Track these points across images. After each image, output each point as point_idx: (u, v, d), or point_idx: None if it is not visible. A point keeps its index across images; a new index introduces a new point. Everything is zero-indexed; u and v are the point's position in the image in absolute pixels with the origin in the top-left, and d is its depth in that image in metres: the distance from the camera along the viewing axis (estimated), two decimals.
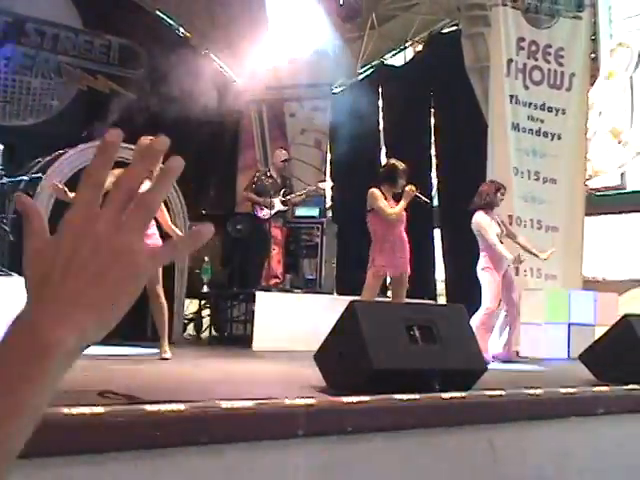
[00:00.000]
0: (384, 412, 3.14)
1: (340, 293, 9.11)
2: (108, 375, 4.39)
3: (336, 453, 2.98)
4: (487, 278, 7.16)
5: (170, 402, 2.47)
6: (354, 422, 3.00)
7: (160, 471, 2.38)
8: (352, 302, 3.64)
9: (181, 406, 2.45)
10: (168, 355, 5.82)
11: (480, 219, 7.21)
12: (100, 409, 2.30)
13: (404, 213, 6.71)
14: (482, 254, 7.26)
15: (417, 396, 3.29)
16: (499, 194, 7.36)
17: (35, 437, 1.98)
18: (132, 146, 4.30)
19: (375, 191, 6.65)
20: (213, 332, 9.11)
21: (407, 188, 6.67)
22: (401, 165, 6.85)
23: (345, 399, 3.13)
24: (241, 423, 2.60)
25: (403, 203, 6.61)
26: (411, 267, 6.99)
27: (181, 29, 11.80)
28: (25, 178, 7.61)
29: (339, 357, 3.60)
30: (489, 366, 4.19)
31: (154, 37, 10.73)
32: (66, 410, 2.24)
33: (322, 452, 2.93)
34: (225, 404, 2.62)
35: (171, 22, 11.72)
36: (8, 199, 7.50)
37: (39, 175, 7.53)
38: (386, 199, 6.64)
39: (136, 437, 2.32)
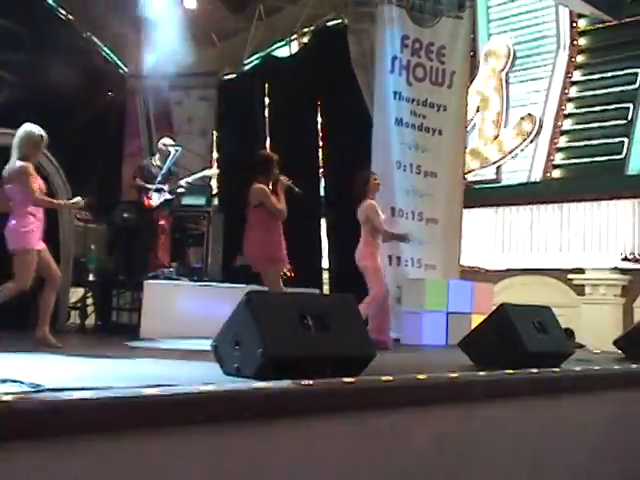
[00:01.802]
0: (280, 398, 3.27)
1: (226, 282, 9.18)
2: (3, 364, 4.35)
3: (233, 439, 3.08)
4: (372, 265, 7.41)
5: (76, 389, 2.53)
6: (251, 408, 3.10)
7: (65, 459, 2.43)
8: (249, 292, 3.75)
9: (86, 394, 2.51)
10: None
11: (371, 206, 7.46)
12: (8, 397, 2.33)
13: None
14: (364, 242, 7.48)
15: (310, 382, 3.43)
16: (372, 180, 7.68)
17: None
18: (13, 131, 4.32)
19: (264, 188, 6.75)
20: (98, 321, 9.01)
21: (281, 179, 6.83)
22: (274, 155, 7.02)
23: (242, 385, 3.24)
24: (146, 409, 2.67)
25: (282, 196, 6.76)
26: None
27: (62, 11, 11.51)
28: None
29: (236, 345, 3.71)
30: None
31: (35, 18, 10.42)
32: None
33: (221, 438, 3.02)
34: (127, 391, 2.69)
35: (53, 4, 11.42)
36: None
37: None
38: (271, 191, 6.76)
39: (42, 425, 2.36)
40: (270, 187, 6.87)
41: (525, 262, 13.23)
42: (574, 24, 13.92)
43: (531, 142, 13.95)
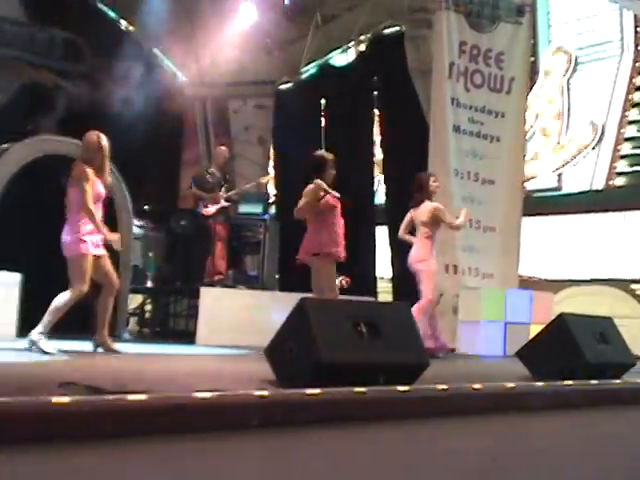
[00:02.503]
0: (332, 405, 3.26)
1: (282, 290, 9.22)
2: (65, 368, 4.44)
3: (286, 444, 3.08)
4: (426, 269, 7.37)
5: (131, 393, 2.55)
6: (304, 414, 3.10)
7: (121, 461, 2.46)
8: (302, 299, 3.74)
9: (142, 397, 2.53)
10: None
11: (439, 207, 7.47)
12: (65, 399, 2.36)
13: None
14: (421, 244, 7.44)
15: (363, 389, 3.41)
16: (431, 182, 7.64)
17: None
18: (76, 140, 4.37)
19: (310, 187, 6.70)
20: (155, 327, 9.13)
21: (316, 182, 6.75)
22: (329, 155, 6.97)
23: (295, 392, 3.23)
24: (199, 413, 2.69)
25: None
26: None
27: (123, 22, 11.73)
28: None
29: (289, 352, 3.71)
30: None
31: (97, 31, 10.66)
32: (29, 400, 2.32)
33: (274, 443, 3.03)
34: (184, 395, 2.71)
35: (113, 15, 11.64)
36: None
37: None
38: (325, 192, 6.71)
39: (99, 427, 2.39)
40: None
41: (586, 272, 12.97)
42: (638, 28, 13.62)
43: (593, 149, 13.68)
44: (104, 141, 6.04)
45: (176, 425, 2.59)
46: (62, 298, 5.61)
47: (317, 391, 3.25)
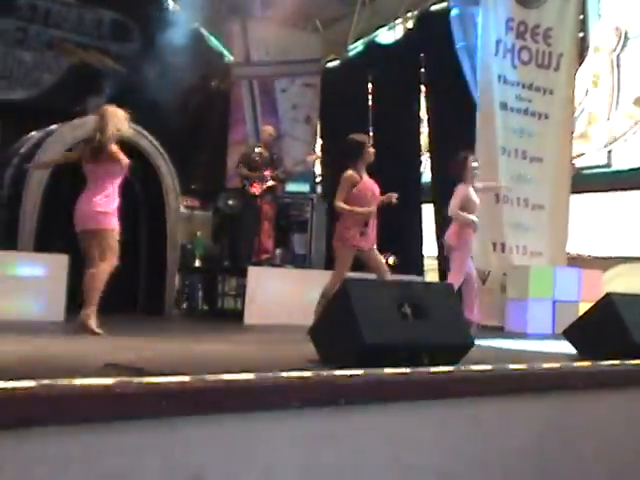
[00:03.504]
0: (376, 385, 3.27)
1: (329, 269, 9.23)
2: (110, 348, 4.53)
3: (329, 424, 3.11)
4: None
5: (175, 374, 2.60)
6: (347, 395, 3.13)
7: (165, 440, 2.52)
8: (345, 280, 3.76)
9: (185, 378, 2.58)
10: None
11: (458, 191, 7.32)
12: (109, 380, 2.43)
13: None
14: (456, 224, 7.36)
15: (407, 370, 3.42)
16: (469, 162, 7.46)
17: (44, 407, 2.12)
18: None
19: (344, 177, 6.48)
20: (204, 306, 9.25)
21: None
22: (364, 138, 6.68)
23: (338, 372, 3.26)
24: (241, 394, 2.73)
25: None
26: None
27: (171, 2, 11.79)
28: (21, 151, 7.69)
29: (332, 333, 3.73)
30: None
31: (145, 11, 10.73)
32: (76, 381, 2.38)
33: (316, 423, 3.06)
34: (226, 376, 2.75)
35: None
36: (3, 174, 7.58)
37: (34, 150, 7.60)
38: (361, 177, 6.54)
39: (142, 407, 2.45)
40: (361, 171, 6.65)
41: (636, 249, 12.74)
42: None
43: None
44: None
45: (219, 406, 2.63)
46: (100, 275, 5.60)
47: (360, 372, 3.27)
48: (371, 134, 11.84)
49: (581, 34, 10.88)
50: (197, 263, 9.33)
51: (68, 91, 9.89)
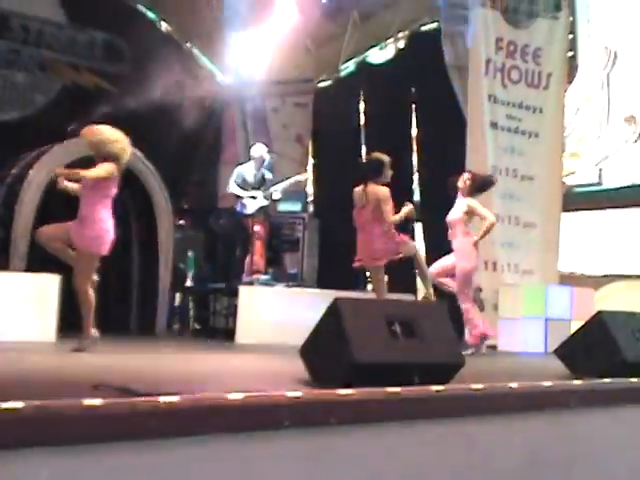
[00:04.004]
0: (366, 405, 3.27)
1: (322, 287, 9.24)
2: (98, 369, 4.51)
3: (320, 444, 3.10)
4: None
5: (165, 394, 2.59)
6: (337, 414, 3.12)
7: (155, 461, 2.51)
8: (336, 299, 3.76)
9: (175, 398, 2.57)
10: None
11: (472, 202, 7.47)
12: (97, 401, 2.41)
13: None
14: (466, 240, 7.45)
15: (397, 389, 3.42)
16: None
17: (35, 428, 2.11)
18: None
19: (388, 191, 6.80)
20: (196, 325, 9.22)
21: (409, 207, 6.85)
22: (386, 158, 7.01)
23: (329, 392, 3.25)
24: (231, 414, 2.72)
25: (401, 215, 6.83)
26: (390, 263, 7.15)
27: (163, 23, 11.84)
28: (13, 172, 7.70)
29: (323, 352, 3.73)
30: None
31: (137, 32, 10.77)
32: (63, 402, 2.37)
33: (307, 443, 3.05)
34: (216, 395, 2.74)
35: (153, 16, 11.75)
36: None
37: (26, 171, 7.61)
38: None
39: (131, 428, 2.43)
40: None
41: (628, 267, 12.78)
42: None
43: (635, 142, 13.47)
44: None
45: (209, 426, 2.62)
46: (91, 294, 5.64)
47: (351, 391, 3.27)
48: (364, 153, 11.90)
49: (571, 53, 10.97)
50: (189, 282, 9.32)
51: (60, 111, 9.90)
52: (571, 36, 10.74)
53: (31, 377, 4.09)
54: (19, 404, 2.32)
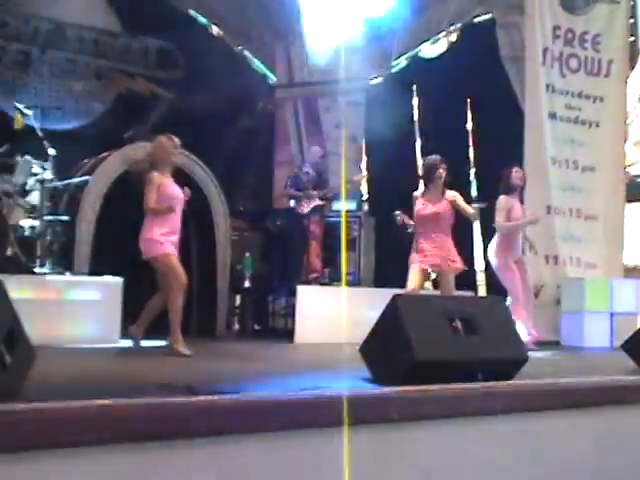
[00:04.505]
0: (428, 402, 3.23)
1: (378, 286, 9.19)
2: (164, 369, 4.56)
3: (382, 441, 3.07)
4: (501, 263, 7.34)
5: (226, 393, 2.60)
6: (400, 412, 3.09)
7: (218, 457, 2.51)
8: (395, 296, 3.73)
9: (236, 396, 2.58)
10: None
11: (500, 201, 7.37)
12: (161, 400, 2.43)
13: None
14: (496, 239, 7.40)
15: (460, 386, 3.37)
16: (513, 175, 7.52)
17: (103, 427, 2.12)
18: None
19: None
20: (255, 326, 9.27)
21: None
22: (435, 161, 6.93)
23: (390, 389, 3.22)
24: (293, 412, 2.72)
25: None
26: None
27: (214, 27, 11.92)
28: (74, 180, 7.83)
29: (383, 349, 3.70)
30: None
31: (189, 37, 10.86)
32: (130, 401, 2.39)
33: (368, 440, 3.03)
34: (277, 395, 2.74)
35: (204, 21, 11.84)
36: (58, 201, 7.73)
37: (87, 177, 7.74)
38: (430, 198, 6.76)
39: (195, 426, 2.45)
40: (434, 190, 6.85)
41: None
42: None
43: None
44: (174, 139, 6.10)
45: (269, 424, 2.62)
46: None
47: (413, 388, 3.23)
48: (419, 150, 11.80)
49: (632, 39, 10.66)
50: (247, 284, 9.36)
51: (117, 119, 10.05)
52: (632, 20, 10.42)
53: (98, 377, 4.15)
54: (90, 403, 2.36)
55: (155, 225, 5.85)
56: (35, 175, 7.62)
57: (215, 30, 11.67)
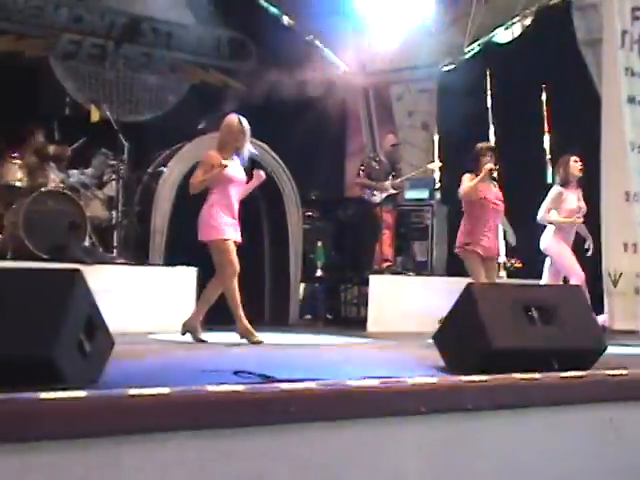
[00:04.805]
0: (504, 391, 3.20)
1: (451, 275, 9.12)
2: (239, 356, 4.63)
3: (457, 430, 3.06)
4: (555, 249, 7.22)
5: (302, 381, 2.63)
6: (475, 401, 3.07)
7: (294, 444, 2.54)
8: (469, 284, 3.70)
9: (312, 384, 2.60)
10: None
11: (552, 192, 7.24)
12: (239, 387, 2.47)
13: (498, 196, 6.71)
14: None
15: (536, 375, 3.33)
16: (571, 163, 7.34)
17: (181, 412, 2.17)
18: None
19: (465, 176, 6.69)
20: (327, 315, 9.32)
21: (486, 167, 6.66)
22: (482, 145, 6.86)
23: (465, 378, 3.20)
24: (368, 400, 2.73)
25: (476, 180, 6.61)
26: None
27: (285, 17, 11.96)
28: (149, 172, 7.99)
29: (458, 338, 3.68)
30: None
31: (260, 28, 10.94)
32: (208, 388, 2.43)
33: (443, 429, 3.02)
34: (352, 383, 2.75)
35: (275, 11, 11.89)
36: (134, 192, 7.91)
37: (161, 169, 7.88)
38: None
39: (272, 413, 2.48)
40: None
41: None
42: None
43: None
44: (242, 124, 6.02)
45: (345, 411, 2.63)
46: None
47: (488, 377, 3.21)
48: (492, 137, 11.64)
49: None
50: (319, 272, 9.41)
51: (190, 111, 10.19)
52: None
53: (172, 365, 4.24)
54: (166, 390, 2.41)
55: (212, 208, 5.79)
56: (111, 167, 7.80)
57: (286, 20, 11.71)
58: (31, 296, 2.74)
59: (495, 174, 6.82)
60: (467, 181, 6.66)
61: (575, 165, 7.46)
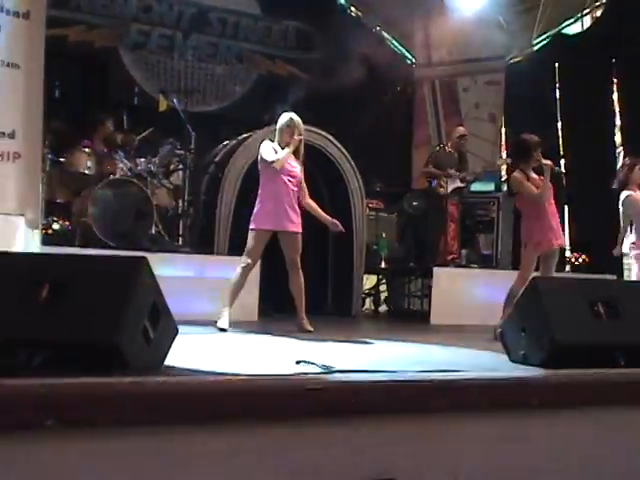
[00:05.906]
0: (569, 387, 3.15)
1: (517, 268, 8.99)
2: (301, 347, 4.65)
3: (520, 426, 3.02)
4: None
5: (364, 372, 2.63)
6: (540, 396, 3.03)
7: (351, 435, 2.54)
8: (534, 278, 3.65)
9: (376, 376, 2.60)
10: (310, 328, 5.91)
11: (630, 200, 7.05)
12: (301, 377, 2.48)
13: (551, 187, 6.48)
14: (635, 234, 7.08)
15: (603, 371, 3.27)
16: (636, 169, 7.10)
17: (238, 401, 2.18)
18: (313, 128, 4.54)
19: (516, 177, 6.41)
20: (391, 307, 9.29)
21: (546, 163, 6.41)
22: (533, 138, 6.55)
23: (530, 373, 3.16)
24: (430, 393, 2.71)
25: (546, 180, 6.36)
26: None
27: (352, 8, 11.94)
28: (216, 161, 8.07)
29: (522, 332, 3.62)
30: None
31: (327, 18, 10.94)
32: (270, 377, 2.45)
33: (506, 425, 2.98)
34: (414, 375, 2.74)
35: (343, 2, 11.87)
36: (200, 181, 8.00)
37: (227, 158, 7.95)
38: (528, 178, 6.39)
39: (333, 403, 2.48)
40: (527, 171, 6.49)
41: None
42: None
43: None
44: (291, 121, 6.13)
45: (407, 404, 2.62)
46: None
47: (553, 372, 3.16)
48: (560, 131, 11.44)
49: None
50: (383, 264, 9.39)
51: (256, 101, 10.27)
52: None
53: (233, 354, 4.28)
54: (230, 378, 2.43)
55: (258, 197, 6.03)
56: (177, 156, 7.91)
57: (353, 11, 11.69)
58: (97, 282, 2.79)
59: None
60: (524, 182, 6.36)
61: (639, 171, 7.19)
